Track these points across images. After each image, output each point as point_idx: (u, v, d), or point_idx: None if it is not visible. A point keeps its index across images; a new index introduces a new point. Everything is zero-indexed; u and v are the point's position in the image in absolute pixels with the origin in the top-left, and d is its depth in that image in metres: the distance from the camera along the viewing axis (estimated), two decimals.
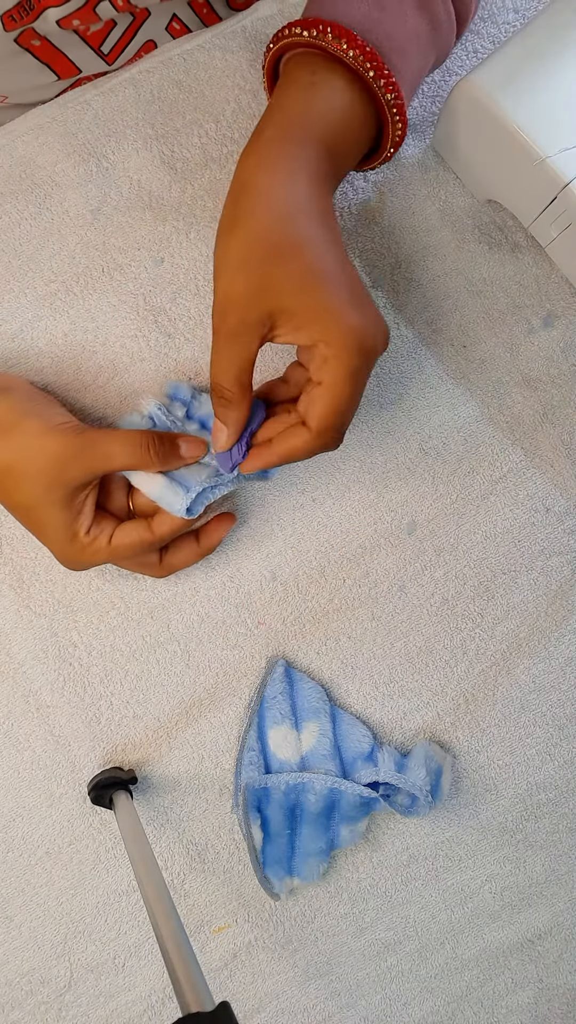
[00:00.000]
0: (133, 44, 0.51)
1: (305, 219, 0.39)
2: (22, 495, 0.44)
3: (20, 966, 0.54)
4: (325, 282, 0.38)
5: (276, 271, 0.39)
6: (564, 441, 0.54)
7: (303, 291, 0.39)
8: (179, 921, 0.39)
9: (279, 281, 0.39)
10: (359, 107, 0.42)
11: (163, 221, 0.52)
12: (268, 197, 0.39)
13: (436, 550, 0.54)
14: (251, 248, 0.39)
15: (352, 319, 0.38)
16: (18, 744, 0.52)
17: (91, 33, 0.48)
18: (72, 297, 0.51)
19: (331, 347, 0.39)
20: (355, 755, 0.52)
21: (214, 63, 0.52)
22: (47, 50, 0.47)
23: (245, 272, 0.39)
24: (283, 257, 0.39)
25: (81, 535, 0.44)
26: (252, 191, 0.40)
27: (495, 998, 0.57)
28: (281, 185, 0.39)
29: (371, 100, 0.42)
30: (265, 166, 0.40)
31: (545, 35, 0.46)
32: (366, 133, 0.43)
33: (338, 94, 0.41)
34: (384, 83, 0.41)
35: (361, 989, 0.56)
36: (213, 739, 0.53)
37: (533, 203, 0.48)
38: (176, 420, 0.48)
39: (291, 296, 0.39)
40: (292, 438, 0.42)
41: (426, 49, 0.44)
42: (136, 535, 0.45)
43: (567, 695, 0.55)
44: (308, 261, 0.38)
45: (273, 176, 0.40)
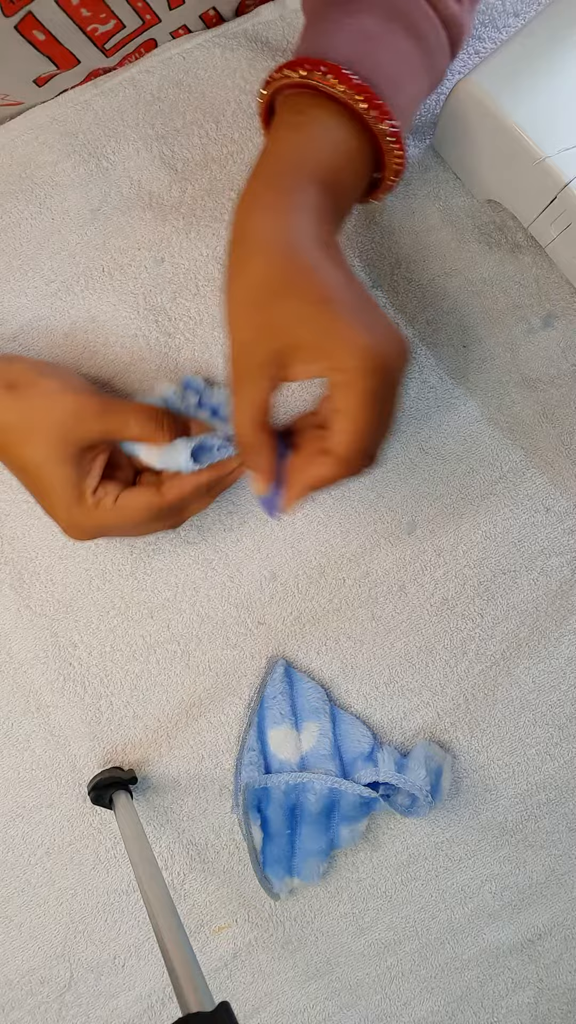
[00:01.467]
0: (135, 42, 0.51)
1: (303, 251, 0.39)
2: (33, 450, 0.44)
3: (20, 966, 0.53)
4: (328, 308, 0.38)
5: (279, 308, 0.38)
6: (564, 441, 0.54)
7: (307, 322, 0.38)
8: (179, 921, 0.39)
9: (282, 317, 0.38)
10: (354, 140, 0.41)
11: (163, 221, 0.52)
12: (264, 239, 0.39)
13: (436, 550, 0.54)
14: (253, 291, 0.39)
15: (360, 339, 0.37)
16: (18, 744, 0.52)
17: (99, 33, 0.48)
18: (72, 297, 0.51)
19: (343, 373, 0.38)
20: (355, 755, 0.52)
21: (214, 63, 0.52)
22: (51, 44, 0.47)
23: (249, 314, 0.39)
24: (284, 292, 0.38)
25: (88, 495, 0.44)
26: (249, 237, 0.39)
27: (495, 998, 0.57)
28: (277, 226, 0.39)
29: (366, 131, 0.41)
30: (259, 211, 0.40)
31: (545, 35, 0.46)
32: (364, 165, 0.43)
33: (330, 130, 0.41)
34: (377, 114, 0.40)
35: (361, 989, 0.56)
36: (213, 739, 0.53)
37: (533, 203, 0.48)
38: (189, 406, 0.49)
39: (296, 329, 0.38)
40: (316, 467, 0.41)
41: (419, 75, 0.44)
42: (144, 499, 0.45)
43: (567, 695, 0.55)
44: (309, 290, 0.38)
45: (267, 219, 0.39)
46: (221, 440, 0.46)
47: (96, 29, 0.47)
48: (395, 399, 0.39)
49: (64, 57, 0.48)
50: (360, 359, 0.37)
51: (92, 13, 0.46)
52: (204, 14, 0.52)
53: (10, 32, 0.44)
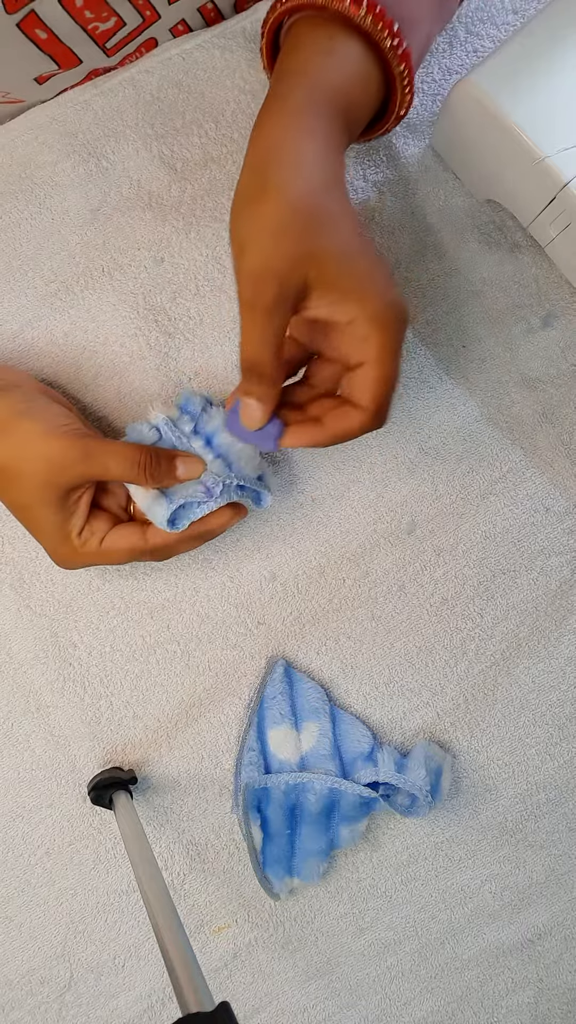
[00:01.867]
0: (136, 41, 0.51)
1: (338, 192, 0.39)
2: (17, 494, 0.44)
3: (20, 966, 0.53)
4: (364, 256, 0.38)
5: (319, 241, 0.37)
6: (564, 441, 0.54)
7: (344, 263, 0.38)
8: (179, 921, 0.39)
9: (321, 252, 0.37)
10: (374, 76, 0.41)
11: (163, 221, 0.52)
12: (300, 166, 0.38)
13: (436, 550, 0.54)
14: (291, 216, 0.37)
15: (391, 294, 0.38)
16: (18, 744, 0.52)
17: (100, 32, 0.48)
18: (72, 297, 0.51)
19: (373, 323, 0.38)
20: (355, 755, 0.52)
21: (214, 63, 0.52)
22: (52, 43, 0.47)
23: (286, 241, 0.37)
24: (324, 227, 0.37)
25: (73, 536, 0.45)
26: (283, 159, 0.38)
27: (495, 998, 0.57)
28: (312, 155, 0.38)
29: (383, 68, 0.42)
30: (292, 134, 0.39)
31: (544, 35, 0.46)
32: (376, 102, 0.43)
33: (357, 63, 0.41)
34: (399, 53, 0.40)
35: (361, 989, 0.56)
36: (213, 739, 0.53)
37: (532, 203, 0.48)
38: (183, 436, 0.47)
39: (333, 268, 0.37)
40: (345, 419, 0.41)
41: (433, 17, 0.44)
42: (128, 542, 0.45)
43: (567, 695, 0.55)
44: (347, 234, 0.38)
45: (303, 144, 0.38)
46: (203, 495, 0.45)
47: (97, 27, 0.47)
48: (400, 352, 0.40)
49: (65, 56, 0.48)
50: (391, 312, 0.38)
51: (95, 13, 0.46)
52: (202, 7, 0.52)
53: (12, 30, 0.44)
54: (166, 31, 0.52)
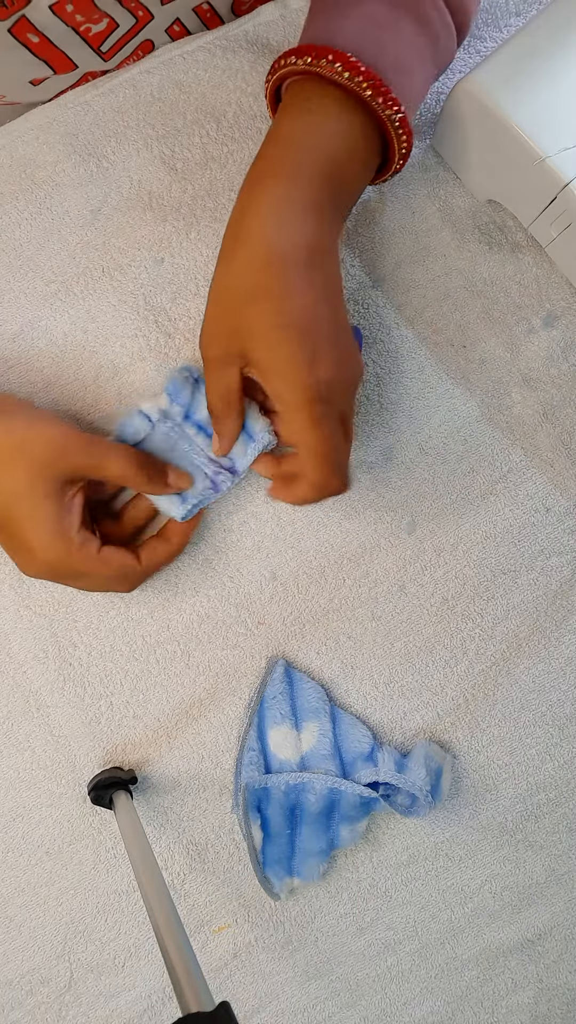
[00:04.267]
0: (131, 44, 0.51)
1: (287, 264, 0.40)
2: (11, 479, 0.42)
3: (20, 966, 0.54)
4: (282, 332, 0.40)
5: (247, 315, 0.40)
6: (564, 441, 0.54)
7: (260, 341, 0.40)
8: (179, 921, 0.39)
9: (247, 327, 0.40)
10: (359, 127, 0.42)
11: (163, 221, 0.52)
12: (255, 237, 0.40)
13: (436, 550, 0.54)
14: (229, 291, 0.41)
15: (302, 374, 0.39)
16: (18, 744, 0.52)
17: (93, 34, 0.48)
18: (72, 297, 0.51)
19: (285, 407, 0.41)
20: (355, 755, 0.52)
21: (215, 64, 0.52)
22: (45, 47, 0.46)
23: (219, 312, 0.41)
24: (255, 302, 0.40)
25: (72, 534, 0.44)
26: (244, 229, 0.41)
27: (495, 998, 0.57)
28: (270, 226, 0.40)
29: (372, 117, 0.42)
30: (255, 202, 0.41)
31: (545, 35, 0.46)
32: (371, 151, 0.43)
33: (335, 118, 0.41)
34: (383, 100, 0.41)
35: (361, 989, 0.56)
36: (213, 739, 0.53)
37: (533, 203, 0.48)
38: (175, 426, 0.49)
39: (255, 344, 0.40)
40: (299, 489, 0.43)
41: (426, 61, 0.44)
42: (122, 559, 0.46)
43: (567, 695, 0.55)
44: (275, 310, 0.40)
45: (262, 215, 0.40)
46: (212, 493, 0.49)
47: (90, 29, 0.47)
48: (337, 416, 0.41)
49: (60, 61, 0.48)
50: (303, 395, 0.40)
51: (85, 16, 0.46)
52: (198, 8, 0.52)
53: (4, 36, 0.44)
54: (162, 32, 0.52)
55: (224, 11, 0.54)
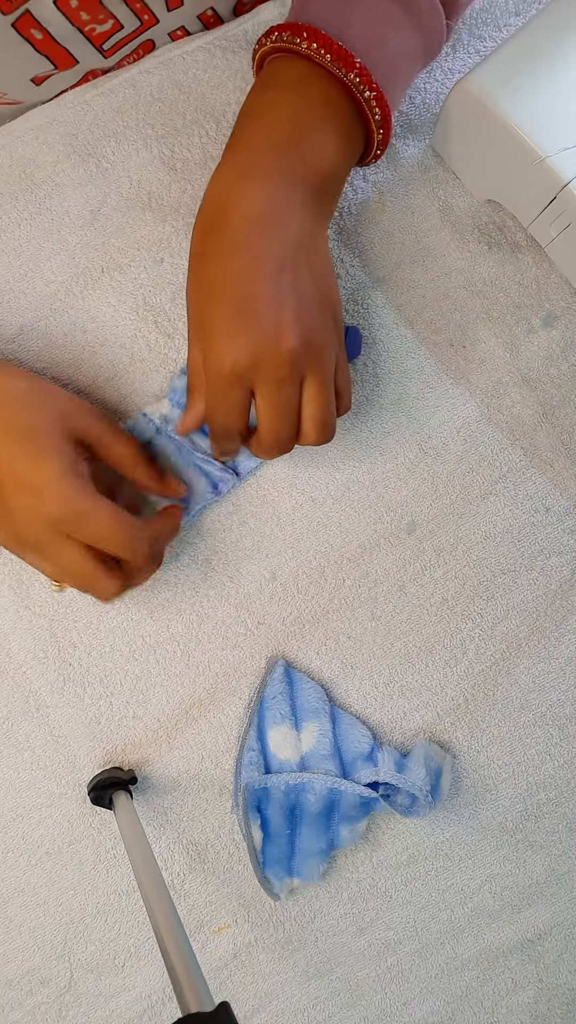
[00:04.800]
0: (133, 43, 0.51)
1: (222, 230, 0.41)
2: (37, 417, 0.43)
3: (20, 966, 0.54)
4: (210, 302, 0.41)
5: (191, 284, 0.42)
6: (564, 441, 0.54)
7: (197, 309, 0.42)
8: (179, 921, 0.39)
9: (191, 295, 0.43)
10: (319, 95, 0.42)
11: (163, 221, 0.52)
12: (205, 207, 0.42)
13: (436, 550, 0.54)
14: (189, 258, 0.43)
15: (213, 348, 0.40)
16: (18, 744, 0.52)
17: (96, 33, 0.48)
18: (72, 297, 0.51)
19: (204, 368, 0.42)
20: (355, 755, 0.52)
21: (215, 65, 0.52)
22: (48, 43, 0.46)
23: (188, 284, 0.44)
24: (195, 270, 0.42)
25: (84, 473, 0.43)
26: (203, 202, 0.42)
27: (495, 998, 0.57)
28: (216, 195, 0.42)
29: (339, 86, 0.42)
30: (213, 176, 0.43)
31: (544, 35, 0.46)
32: (342, 122, 0.43)
33: (294, 89, 0.42)
34: (343, 65, 0.41)
35: (361, 989, 0.56)
36: (213, 739, 0.53)
37: (533, 203, 0.48)
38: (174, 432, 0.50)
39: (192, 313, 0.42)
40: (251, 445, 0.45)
41: (404, 31, 0.44)
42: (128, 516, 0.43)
43: (567, 695, 0.55)
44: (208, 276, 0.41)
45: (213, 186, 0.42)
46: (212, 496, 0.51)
47: (94, 29, 0.47)
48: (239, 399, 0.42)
49: (62, 57, 0.48)
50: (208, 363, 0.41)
51: (91, 15, 0.46)
52: (202, 15, 0.52)
53: (8, 30, 0.44)
54: (165, 36, 0.52)
55: (227, 15, 0.54)
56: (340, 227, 0.53)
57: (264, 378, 0.41)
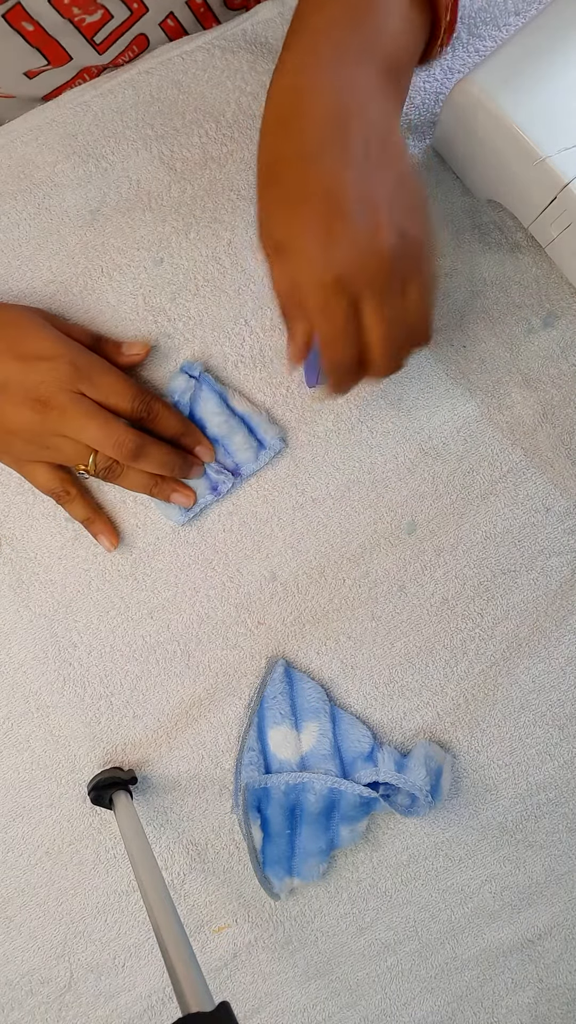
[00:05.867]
0: (125, 37, 0.51)
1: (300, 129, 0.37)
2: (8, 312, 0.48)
3: (20, 966, 0.54)
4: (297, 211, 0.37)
5: (270, 195, 0.38)
6: (564, 441, 0.54)
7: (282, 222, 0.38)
8: (179, 921, 0.39)
9: (271, 207, 0.38)
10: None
11: (162, 221, 0.52)
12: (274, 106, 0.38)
13: (436, 550, 0.54)
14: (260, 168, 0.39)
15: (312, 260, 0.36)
16: (18, 744, 0.52)
17: (86, 24, 0.48)
18: (71, 298, 0.51)
19: (300, 286, 0.38)
20: (355, 755, 0.52)
21: (214, 64, 0.52)
22: (40, 35, 0.46)
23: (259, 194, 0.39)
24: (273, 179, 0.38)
25: None
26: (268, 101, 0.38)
27: (495, 998, 0.57)
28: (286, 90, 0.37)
29: None
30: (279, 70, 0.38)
31: (545, 35, 0.46)
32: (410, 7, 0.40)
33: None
34: None
35: (361, 989, 0.56)
36: (213, 739, 0.53)
37: (533, 203, 0.48)
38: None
39: (276, 225, 0.38)
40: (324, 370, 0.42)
41: None
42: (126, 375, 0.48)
43: (567, 695, 0.55)
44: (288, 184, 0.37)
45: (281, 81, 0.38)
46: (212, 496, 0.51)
47: (84, 20, 0.47)
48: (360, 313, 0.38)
49: (54, 51, 0.48)
50: (307, 277, 0.37)
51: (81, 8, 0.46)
52: (191, 1, 0.52)
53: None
54: (155, 26, 0.51)
55: (216, 4, 0.54)
56: None
57: (372, 283, 0.37)
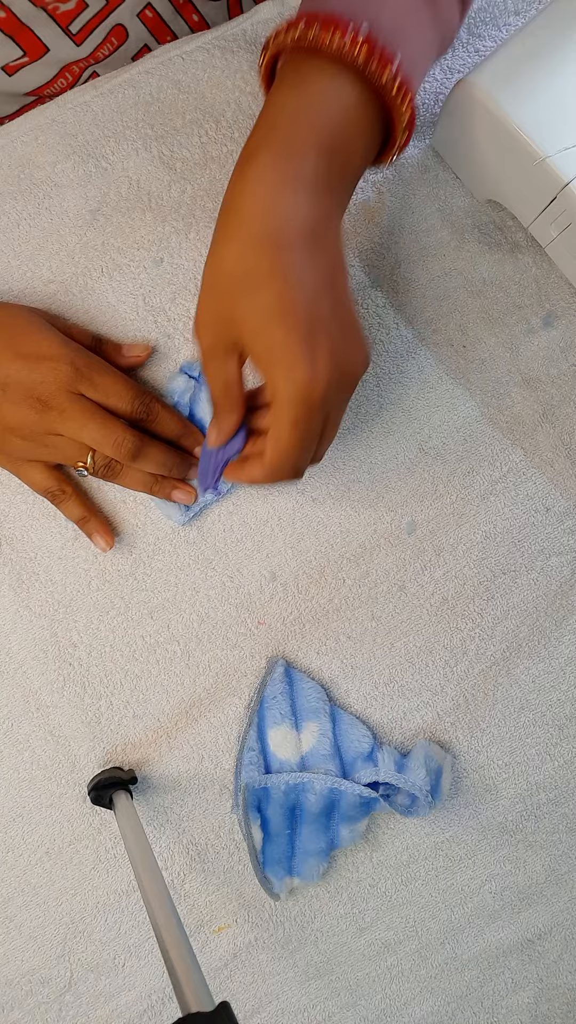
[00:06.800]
0: (102, 27, 0.50)
1: (283, 245, 0.37)
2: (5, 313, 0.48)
3: (20, 966, 0.54)
4: (279, 324, 0.37)
5: (241, 303, 0.38)
6: (564, 441, 0.54)
7: (257, 332, 0.38)
8: (179, 921, 0.39)
9: (241, 316, 0.38)
10: (355, 95, 0.39)
11: (162, 221, 0.52)
12: (247, 217, 0.38)
13: (436, 550, 0.54)
14: (223, 277, 0.38)
15: (298, 371, 0.37)
16: (18, 744, 0.52)
17: (60, 12, 0.47)
18: (71, 298, 0.51)
19: (274, 395, 0.38)
20: (355, 755, 0.52)
21: (214, 64, 0.52)
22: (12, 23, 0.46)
23: (216, 297, 0.39)
24: (247, 291, 0.38)
25: None
26: (235, 208, 0.38)
27: (495, 998, 0.57)
28: (267, 205, 0.38)
29: (369, 84, 0.39)
30: (247, 179, 0.38)
31: (545, 35, 0.46)
32: (371, 123, 0.40)
33: (329, 87, 0.38)
34: (377, 64, 0.37)
35: (361, 989, 0.56)
36: (213, 739, 0.53)
37: (533, 203, 0.48)
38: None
39: (249, 334, 0.38)
40: (252, 469, 0.43)
41: (424, 27, 0.41)
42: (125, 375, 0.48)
43: (567, 695, 0.55)
44: (268, 298, 0.37)
45: (255, 193, 0.38)
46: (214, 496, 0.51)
47: (57, 8, 0.47)
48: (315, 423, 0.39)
49: (30, 41, 0.47)
50: (293, 388, 0.37)
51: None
52: None
53: None
54: (133, 17, 0.51)
55: None
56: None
57: (341, 397, 0.39)
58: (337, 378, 0.38)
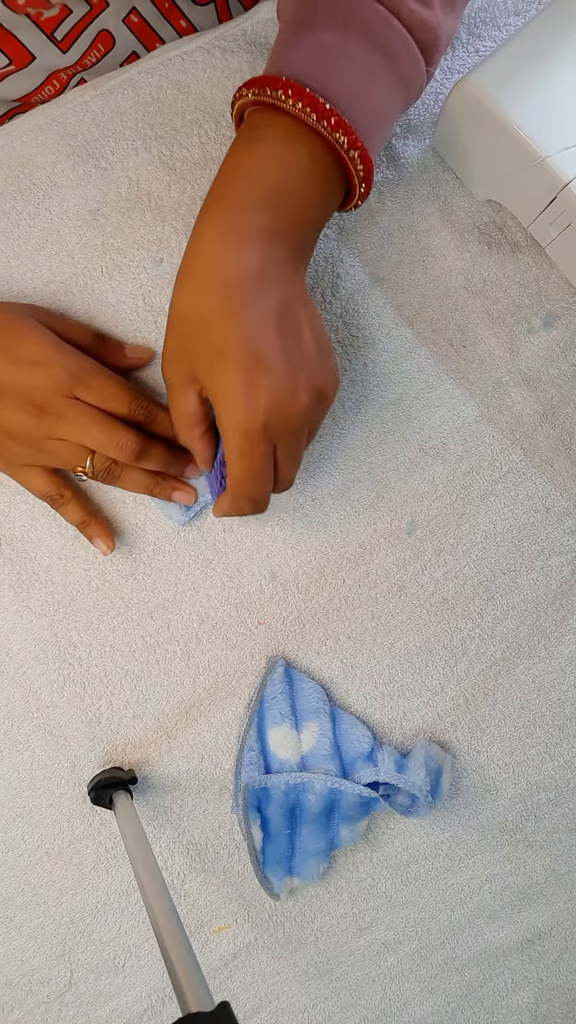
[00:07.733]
0: (88, 33, 0.50)
1: (229, 289, 0.40)
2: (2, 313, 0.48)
3: (20, 966, 0.54)
4: (222, 361, 0.40)
5: (192, 343, 0.41)
6: (564, 441, 0.54)
7: (205, 368, 0.41)
8: (179, 921, 0.39)
9: (194, 354, 0.41)
10: (308, 153, 0.41)
11: (162, 221, 0.52)
12: (201, 262, 0.41)
13: (436, 550, 0.54)
14: (182, 313, 0.41)
15: (236, 405, 0.40)
16: (18, 744, 0.52)
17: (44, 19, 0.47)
18: (71, 298, 0.51)
19: (221, 428, 0.41)
20: (355, 755, 0.52)
21: (214, 64, 0.52)
22: None
23: (176, 335, 0.42)
24: (199, 328, 0.40)
25: None
26: (192, 254, 0.41)
27: (495, 998, 0.57)
28: (214, 252, 0.40)
29: (324, 142, 0.41)
30: (203, 228, 0.41)
31: (545, 35, 0.46)
32: (327, 177, 0.42)
33: (281, 145, 0.41)
34: (329, 124, 0.40)
35: (361, 989, 0.56)
36: (213, 739, 0.53)
37: (533, 203, 0.48)
38: None
39: (200, 371, 0.41)
40: (221, 501, 0.45)
41: (384, 83, 0.43)
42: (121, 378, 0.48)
43: (567, 695, 0.55)
44: (214, 337, 0.40)
45: (209, 240, 0.41)
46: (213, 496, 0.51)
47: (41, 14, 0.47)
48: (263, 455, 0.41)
49: (14, 48, 0.47)
50: (235, 421, 0.40)
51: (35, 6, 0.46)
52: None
53: None
54: (119, 22, 0.51)
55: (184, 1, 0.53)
56: (340, 227, 0.53)
57: (287, 428, 0.41)
58: (278, 409, 0.40)
